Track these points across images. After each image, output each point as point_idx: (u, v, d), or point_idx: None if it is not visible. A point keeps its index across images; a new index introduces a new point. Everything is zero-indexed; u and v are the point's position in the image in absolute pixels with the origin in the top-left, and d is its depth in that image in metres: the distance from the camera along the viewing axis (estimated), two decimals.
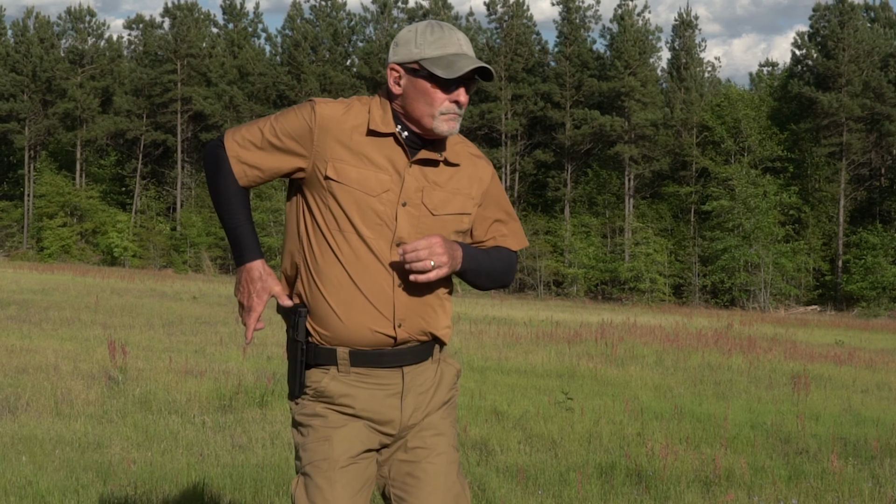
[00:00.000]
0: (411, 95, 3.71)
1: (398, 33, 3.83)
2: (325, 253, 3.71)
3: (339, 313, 3.70)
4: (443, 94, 3.70)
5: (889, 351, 28.00)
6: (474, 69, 3.69)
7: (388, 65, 3.80)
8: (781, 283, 66.61)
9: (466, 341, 21.39)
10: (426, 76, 3.68)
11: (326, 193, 3.69)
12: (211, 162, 3.77)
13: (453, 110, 3.72)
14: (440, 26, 3.76)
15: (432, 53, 3.68)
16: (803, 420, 12.09)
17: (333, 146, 3.69)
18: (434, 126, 3.71)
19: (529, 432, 10.69)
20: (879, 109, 68.89)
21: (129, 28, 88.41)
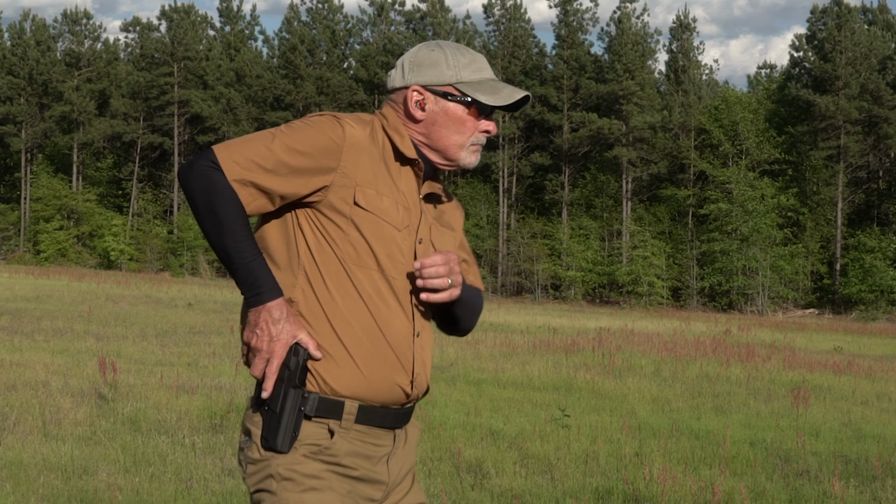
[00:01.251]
0: (441, 122, 3.38)
1: (415, 53, 3.44)
2: (342, 289, 3.25)
3: (358, 360, 3.25)
4: (475, 122, 3.40)
5: (888, 358, 27.90)
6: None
7: (405, 86, 3.40)
8: (779, 287, 66.52)
9: (463, 352, 21.22)
10: (463, 102, 3.37)
11: (348, 222, 3.25)
12: (204, 187, 3.14)
13: (481, 141, 3.45)
14: (467, 49, 3.45)
15: (471, 77, 3.39)
16: (803, 438, 11.92)
17: (365, 170, 3.28)
18: (461, 157, 3.42)
19: (525, 452, 10.53)
20: (877, 112, 68.81)
21: (125, 31, 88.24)
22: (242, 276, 3.18)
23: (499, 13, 77.10)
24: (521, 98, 3.37)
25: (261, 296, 3.17)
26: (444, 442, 10.74)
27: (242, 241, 3.15)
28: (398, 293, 3.30)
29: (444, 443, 10.71)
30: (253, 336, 3.19)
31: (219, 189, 3.13)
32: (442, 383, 16.02)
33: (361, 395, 3.27)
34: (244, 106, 78.26)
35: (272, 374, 3.19)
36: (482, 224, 74.27)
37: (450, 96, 3.36)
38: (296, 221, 3.28)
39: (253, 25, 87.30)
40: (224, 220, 3.13)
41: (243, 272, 3.16)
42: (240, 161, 3.16)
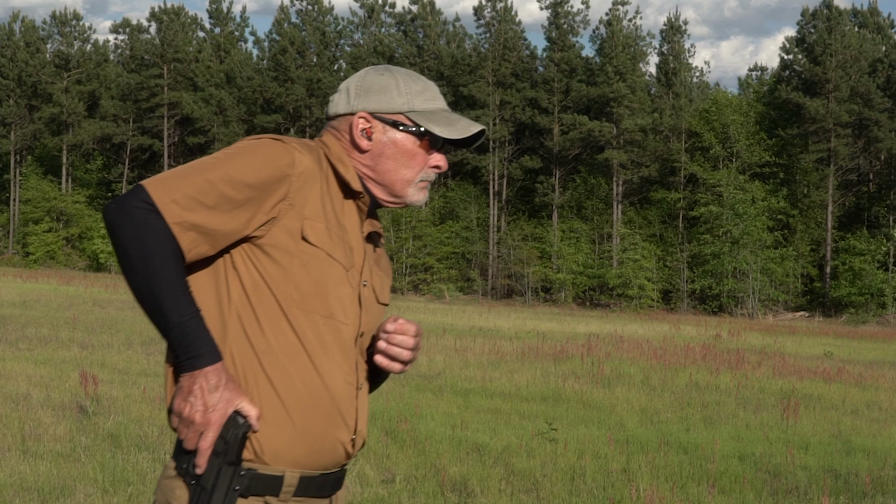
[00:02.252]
0: (388, 154, 3.01)
1: (362, 77, 3.09)
2: (281, 337, 2.83)
3: (299, 419, 2.85)
4: (426, 156, 3.05)
5: (878, 363, 27.87)
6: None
7: (350, 112, 3.04)
8: (770, 289, 66.52)
9: (451, 360, 21.10)
10: (415, 132, 3.01)
11: (293, 260, 2.85)
12: (137, 233, 2.68)
13: (431, 177, 3.09)
14: (420, 76, 3.11)
15: (424, 106, 3.04)
16: (792, 452, 11.81)
17: (314, 201, 2.89)
18: (408, 194, 3.07)
19: (511, 468, 10.40)
20: (867, 115, 68.82)
21: (115, 32, 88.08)
22: (177, 337, 2.73)
23: (489, 15, 76.95)
24: (477, 133, 3.05)
25: (198, 359, 2.73)
26: (429, 458, 10.60)
27: (181, 297, 2.71)
28: (343, 341, 2.93)
29: (430, 459, 10.57)
30: (186, 405, 2.74)
31: (155, 235, 2.69)
32: (429, 394, 15.89)
33: (302, 461, 2.88)
34: (234, 108, 78.13)
35: (206, 449, 2.75)
36: (472, 227, 74.15)
37: (400, 126, 3.02)
38: (229, 260, 2.87)
39: (243, 27, 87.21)
40: (161, 273, 2.68)
41: (179, 332, 2.72)
42: (179, 200, 2.72)
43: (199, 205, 2.73)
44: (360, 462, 10.09)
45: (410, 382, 17.06)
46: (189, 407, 2.73)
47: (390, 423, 12.43)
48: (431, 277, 71.38)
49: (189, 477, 2.79)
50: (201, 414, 2.72)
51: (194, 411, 2.72)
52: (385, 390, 15.67)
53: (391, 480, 9.61)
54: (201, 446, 2.74)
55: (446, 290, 68.28)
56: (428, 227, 72.43)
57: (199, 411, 2.72)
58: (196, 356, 2.72)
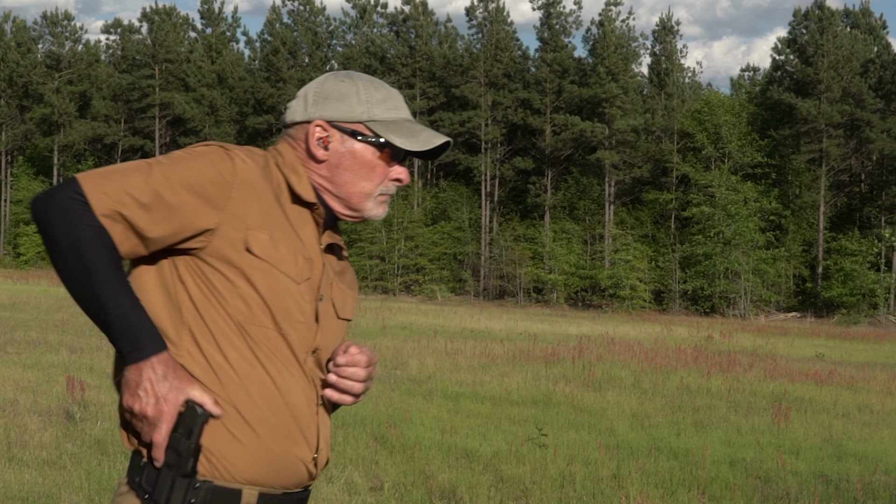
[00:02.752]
0: (346, 165, 2.86)
1: (321, 83, 2.92)
2: (237, 352, 2.72)
3: (259, 435, 2.73)
4: (387, 168, 2.88)
5: (869, 365, 27.85)
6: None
7: (307, 120, 2.88)
8: (762, 290, 66.54)
9: (441, 363, 21.03)
10: (374, 143, 2.85)
11: (237, 272, 2.71)
12: (65, 222, 2.57)
13: (391, 190, 2.93)
14: (381, 83, 2.94)
15: (385, 115, 2.86)
16: (783, 458, 11.75)
17: (257, 211, 2.74)
18: (367, 208, 2.91)
19: (501, 475, 10.32)
20: (859, 116, 68.86)
21: (107, 32, 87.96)
22: (118, 330, 2.59)
23: (481, 16, 76.89)
24: (441, 145, 2.89)
25: (142, 350, 2.60)
26: (417, 464, 10.53)
27: (118, 288, 2.58)
28: (298, 356, 2.79)
29: (419, 465, 10.50)
30: (136, 400, 2.60)
31: (85, 225, 2.56)
32: (419, 398, 15.83)
33: (262, 479, 2.74)
34: (226, 108, 78.05)
35: (162, 442, 2.61)
36: (464, 227, 74.13)
37: (359, 136, 2.86)
38: (175, 272, 2.73)
39: (235, 27, 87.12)
40: (94, 263, 2.56)
41: (119, 325, 2.58)
42: (110, 192, 2.59)
43: (132, 201, 2.61)
44: (349, 469, 10.03)
45: (400, 386, 17.00)
46: (139, 401, 2.60)
47: (379, 429, 12.36)
48: (423, 278, 71.36)
49: (141, 491, 2.67)
50: (153, 406, 2.59)
51: (145, 405, 2.60)
52: (374, 395, 15.60)
53: (379, 488, 9.54)
54: (156, 440, 2.61)
55: (438, 290, 68.25)
56: (420, 228, 72.41)
57: (150, 404, 2.59)
58: (139, 347, 2.59)
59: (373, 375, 2.93)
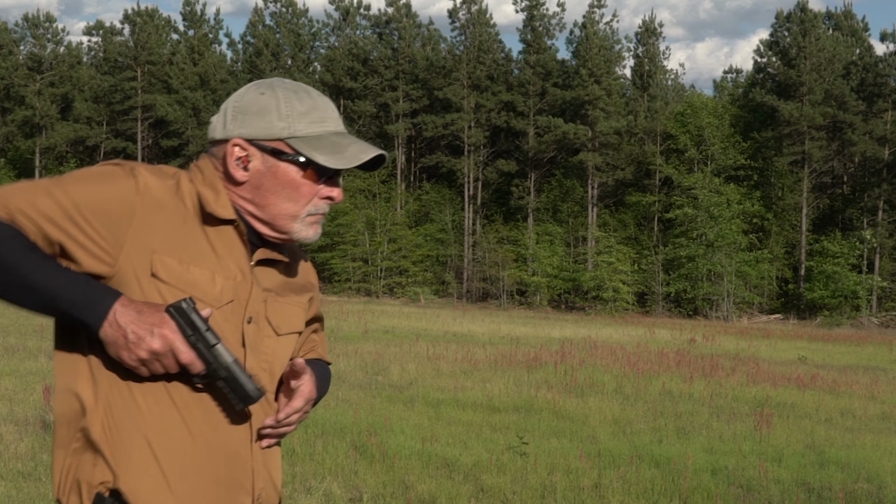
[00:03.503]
0: (268, 186, 2.63)
1: (241, 96, 2.69)
2: (150, 395, 2.51)
3: (184, 490, 2.52)
4: (314, 187, 2.66)
5: (852, 368, 27.89)
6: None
7: (225, 139, 2.65)
8: (744, 292, 66.60)
9: (423, 368, 20.94)
10: (296, 162, 2.63)
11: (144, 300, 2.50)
12: None
13: (322, 209, 2.70)
14: (306, 91, 2.70)
15: (308, 130, 2.64)
16: (765, 466, 11.69)
17: (164, 233, 2.53)
18: (294, 230, 2.68)
19: (481, 485, 10.24)
20: (841, 118, 68.98)
21: (88, 34, 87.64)
22: (68, 303, 2.41)
23: (464, 18, 76.81)
24: (375, 158, 2.67)
25: (102, 304, 2.42)
26: (397, 474, 10.44)
27: (45, 265, 2.41)
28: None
29: (398, 475, 10.41)
30: (136, 348, 2.43)
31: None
32: (400, 405, 15.74)
33: None
34: (209, 110, 77.79)
35: (188, 354, 2.46)
36: (447, 229, 74.04)
37: (281, 154, 2.63)
38: None
39: (217, 29, 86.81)
40: (10, 255, 2.38)
41: (67, 297, 2.41)
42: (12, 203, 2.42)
43: (43, 217, 2.43)
44: (328, 480, 9.93)
45: (381, 393, 16.91)
46: (139, 346, 2.42)
47: (359, 437, 12.27)
48: (406, 280, 71.28)
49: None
50: (153, 339, 2.42)
51: (147, 343, 2.42)
52: (355, 401, 15.52)
53: (358, 499, 9.45)
54: (183, 360, 2.45)
55: (421, 293, 68.17)
56: (403, 230, 72.34)
57: (150, 340, 2.42)
58: (98, 304, 2.41)
59: (308, 409, 2.76)
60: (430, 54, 78.16)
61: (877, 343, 42.61)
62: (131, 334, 2.40)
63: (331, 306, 49.30)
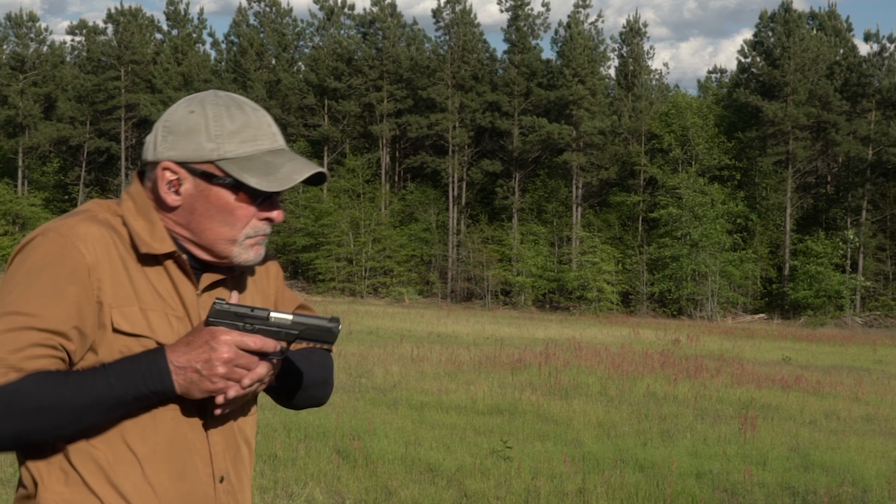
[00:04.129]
0: (202, 210, 2.48)
1: (170, 114, 2.53)
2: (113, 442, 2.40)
3: None
4: (250, 210, 2.50)
5: (836, 369, 27.90)
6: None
7: (156, 161, 2.50)
8: (729, 292, 66.65)
9: (407, 370, 20.88)
10: (229, 185, 2.47)
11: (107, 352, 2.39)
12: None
13: (263, 231, 2.55)
14: (239, 106, 2.53)
15: (238, 151, 2.47)
16: (750, 470, 11.65)
17: (116, 283, 2.40)
18: (234, 254, 2.52)
19: (464, 490, 10.18)
20: (825, 118, 69.09)
21: (72, 34, 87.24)
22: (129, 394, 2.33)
23: (448, 17, 76.72)
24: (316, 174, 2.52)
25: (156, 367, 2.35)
26: (380, 479, 10.38)
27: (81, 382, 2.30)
28: (189, 430, 2.49)
29: (381, 480, 10.35)
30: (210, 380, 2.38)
31: (6, 393, 2.24)
32: (383, 408, 15.67)
33: None
34: None
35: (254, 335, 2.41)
36: (432, 229, 73.98)
37: (212, 177, 2.47)
38: None
39: (200, 29, 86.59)
40: (48, 400, 2.26)
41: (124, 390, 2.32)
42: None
43: (23, 362, 2.26)
44: (310, 486, 9.87)
45: (365, 396, 16.84)
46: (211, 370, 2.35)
47: (342, 442, 12.20)
48: (391, 280, 71.18)
49: None
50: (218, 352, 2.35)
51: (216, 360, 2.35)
52: (338, 405, 15.44)
53: None
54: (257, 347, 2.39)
55: (406, 293, 68.08)
56: (387, 230, 72.28)
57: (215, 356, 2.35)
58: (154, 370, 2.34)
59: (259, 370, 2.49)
60: (414, 54, 78.08)
61: (860, 343, 42.69)
62: (198, 364, 2.35)
63: (315, 307, 48.85)
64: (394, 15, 79.38)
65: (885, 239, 70.00)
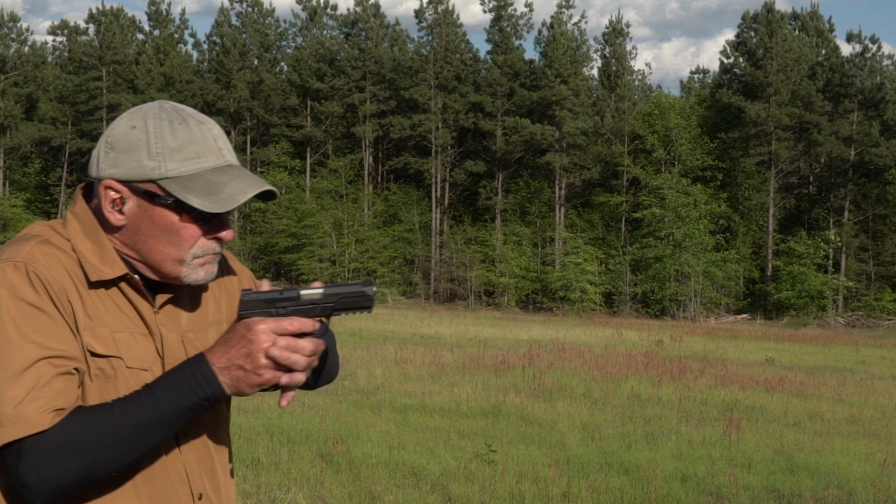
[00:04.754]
0: (146, 231, 2.36)
1: (112, 128, 2.40)
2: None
3: None
4: (197, 229, 2.38)
5: (819, 369, 27.89)
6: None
7: (98, 178, 2.38)
8: (711, 293, 66.71)
9: (390, 372, 20.80)
10: (171, 205, 2.34)
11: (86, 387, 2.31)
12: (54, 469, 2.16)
13: (213, 250, 2.42)
14: (183, 120, 2.38)
15: (181, 169, 2.33)
16: (735, 473, 11.60)
17: (81, 307, 2.32)
18: (182, 274, 2.39)
19: (449, 495, 10.11)
20: (808, 118, 69.21)
21: (53, 34, 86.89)
22: (181, 406, 2.26)
23: (431, 18, 76.62)
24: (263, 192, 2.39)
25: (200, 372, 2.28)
26: (364, 484, 10.30)
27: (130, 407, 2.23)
28: (165, 452, 2.40)
29: (365, 485, 10.27)
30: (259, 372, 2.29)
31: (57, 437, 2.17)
32: (367, 410, 15.59)
33: None
34: None
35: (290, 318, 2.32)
36: (415, 230, 73.91)
37: (154, 197, 2.34)
38: None
39: (182, 29, 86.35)
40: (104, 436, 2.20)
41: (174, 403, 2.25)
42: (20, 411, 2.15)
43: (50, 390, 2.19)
44: (293, 491, 9.78)
45: (348, 398, 16.75)
46: (254, 363, 2.27)
47: (325, 445, 12.12)
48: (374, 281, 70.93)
49: None
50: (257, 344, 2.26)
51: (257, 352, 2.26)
52: (321, 408, 15.35)
53: None
54: (296, 329, 2.31)
55: (389, 294, 67.98)
56: (370, 231, 72.19)
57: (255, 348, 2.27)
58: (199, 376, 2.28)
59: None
60: (397, 55, 77.98)
61: (843, 343, 42.72)
62: (240, 360, 2.28)
63: None
64: (377, 15, 79.29)
65: (867, 239, 70.17)
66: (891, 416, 18.30)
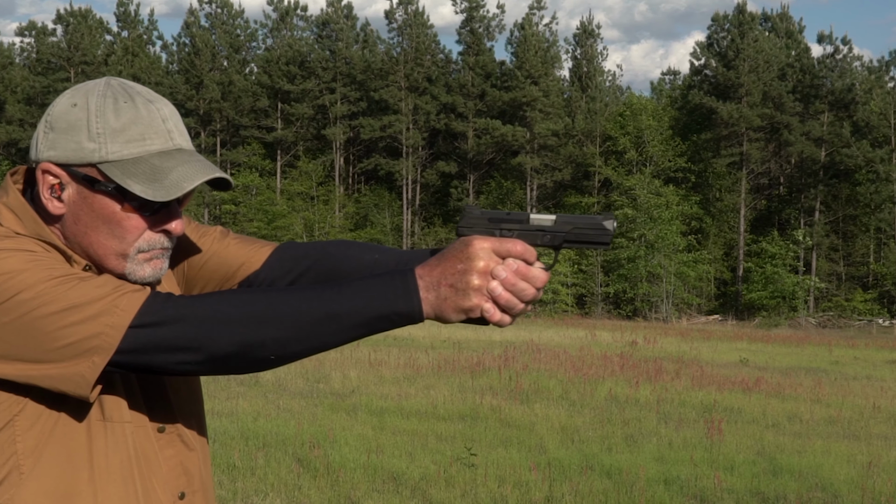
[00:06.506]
0: (86, 221, 2.12)
1: (53, 107, 2.14)
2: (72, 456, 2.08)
3: None
4: (141, 220, 2.13)
5: (793, 370, 27.84)
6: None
7: (36, 162, 2.12)
8: (683, 293, 66.76)
9: (365, 375, 20.56)
10: (112, 192, 2.09)
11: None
12: (216, 330, 1.97)
13: (160, 244, 2.17)
14: (130, 98, 2.12)
15: (123, 153, 2.08)
16: (719, 476, 11.44)
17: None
18: (127, 270, 2.13)
19: (429, 499, 9.91)
20: (779, 119, 69.40)
21: (21, 35, 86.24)
22: (357, 303, 1.99)
23: (401, 19, 76.44)
24: (217, 180, 2.14)
25: (404, 282, 2.01)
26: (343, 489, 10.08)
27: (304, 293, 2.01)
28: (145, 444, 2.19)
29: (344, 490, 10.05)
30: (466, 284, 2.03)
31: (210, 314, 1.98)
32: (343, 414, 15.35)
33: None
34: None
35: (514, 240, 2.10)
36: (386, 232, 73.70)
37: (94, 183, 2.08)
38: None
39: (151, 30, 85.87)
40: (273, 312, 1.98)
41: (353, 303, 1.99)
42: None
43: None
44: (270, 497, 9.56)
45: (324, 402, 16.52)
46: (465, 282, 2.02)
47: (302, 450, 11.89)
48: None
49: None
50: (472, 262, 2.03)
51: (470, 271, 2.03)
52: (296, 411, 15.13)
53: None
54: (518, 252, 2.11)
55: None
56: (342, 233, 71.93)
57: (468, 268, 2.03)
58: (402, 281, 2.01)
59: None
60: (367, 56, 77.77)
61: (816, 344, 42.71)
62: (453, 279, 2.03)
63: None
64: (349, 17, 79.02)
65: (837, 240, 70.42)
66: (869, 416, 18.20)
